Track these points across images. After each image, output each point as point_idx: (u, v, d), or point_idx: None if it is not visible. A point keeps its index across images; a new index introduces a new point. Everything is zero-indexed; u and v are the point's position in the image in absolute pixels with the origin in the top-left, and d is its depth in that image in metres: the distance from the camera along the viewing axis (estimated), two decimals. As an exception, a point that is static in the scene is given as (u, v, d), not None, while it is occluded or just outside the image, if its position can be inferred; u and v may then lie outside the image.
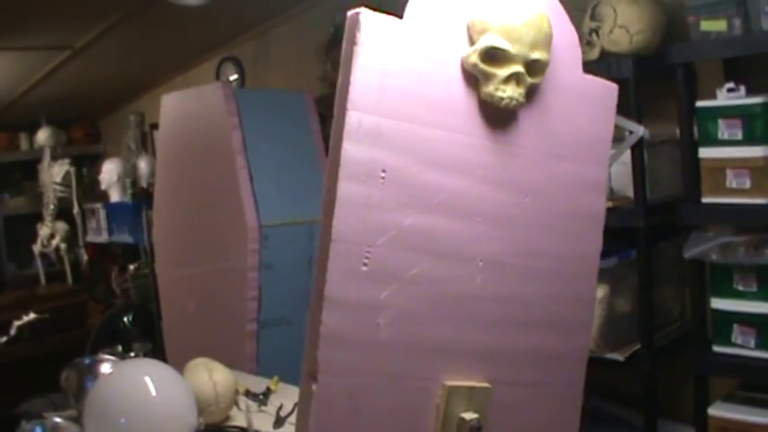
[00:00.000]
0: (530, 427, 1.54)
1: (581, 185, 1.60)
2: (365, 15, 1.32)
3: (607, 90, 1.65)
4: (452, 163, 1.43)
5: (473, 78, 1.45)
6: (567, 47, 1.58)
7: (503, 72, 1.44)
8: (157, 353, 3.53)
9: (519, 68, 1.45)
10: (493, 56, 1.43)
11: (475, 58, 1.42)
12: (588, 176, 1.61)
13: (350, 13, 1.33)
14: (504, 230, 1.49)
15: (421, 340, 1.40)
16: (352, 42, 1.32)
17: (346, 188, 1.32)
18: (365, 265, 1.33)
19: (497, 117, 1.47)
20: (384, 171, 1.35)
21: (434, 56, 1.41)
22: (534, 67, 1.47)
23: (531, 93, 1.50)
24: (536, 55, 1.46)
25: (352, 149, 1.32)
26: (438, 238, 1.41)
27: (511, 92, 1.44)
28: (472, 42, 1.44)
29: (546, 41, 1.47)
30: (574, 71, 1.59)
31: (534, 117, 1.52)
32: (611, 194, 2.68)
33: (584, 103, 1.60)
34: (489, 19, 1.44)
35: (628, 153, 2.60)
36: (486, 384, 1.45)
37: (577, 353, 1.61)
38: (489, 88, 1.43)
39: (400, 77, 1.36)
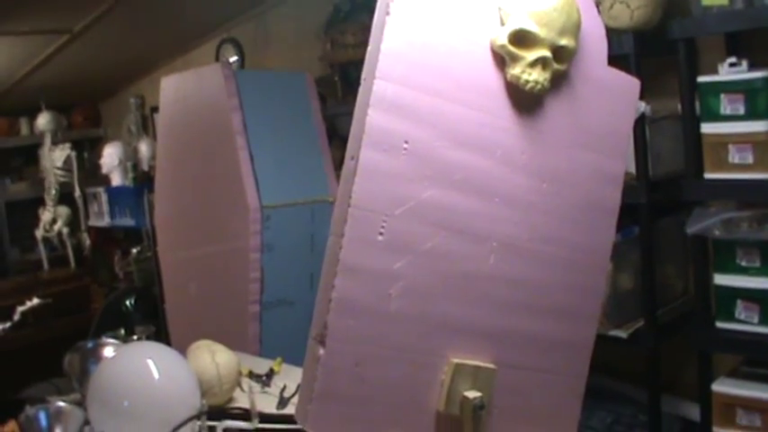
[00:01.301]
0: (531, 412, 1.55)
1: (600, 177, 1.60)
2: None
3: (630, 85, 1.66)
4: (474, 141, 1.43)
5: (500, 59, 1.45)
6: (594, 39, 1.58)
7: (530, 55, 1.44)
8: (160, 336, 3.53)
9: (546, 53, 1.45)
10: (521, 38, 1.43)
11: (503, 39, 1.42)
12: (607, 169, 1.62)
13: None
14: (520, 213, 1.49)
15: (430, 315, 1.40)
16: (385, 12, 1.33)
17: (369, 156, 1.32)
18: (381, 234, 1.34)
19: (522, 100, 1.47)
20: (407, 142, 1.35)
21: (464, 33, 1.41)
22: (561, 54, 1.47)
23: (557, 80, 1.51)
24: (564, 41, 1.46)
25: (377, 118, 1.32)
26: (455, 214, 1.42)
27: (537, 75, 1.44)
28: (502, 23, 1.44)
29: (574, 29, 1.47)
30: (600, 63, 1.60)
31: (558, 104, 1.52)
32: (613, 171, 2.67)
33: (607, 96, 1.60)
34: (521, 1, 1.44)
35: (629, 129, 2.59)
36: (491, 365, 1.45)
37: (583, 343, 1.62)
38: (516, 70, 1.44)
39: (429, 51, 1.37)
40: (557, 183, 1.54)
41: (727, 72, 2.37)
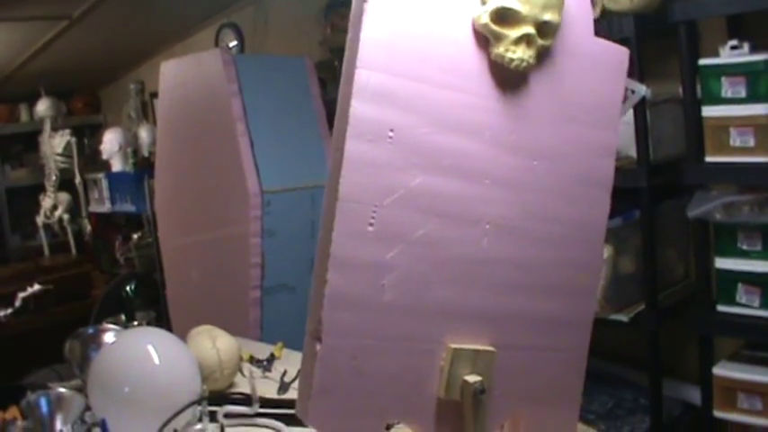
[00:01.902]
0: (533, 391, 1.54)
1: (592, 150, 1.59)
2: None
3: (618, 54, 1.63)
4: (461, 124, 1.41)
5: (484, 39, 1.43)
6: (578, 9, 1.55)
7: (513, 33, 1.42)
8: (161, 321, 3.54)
9: (530, 30, 1.43)
10: (504, 16, 1.41)
11: (486, 19, 1.40)
12: (599, 141, 1.60)
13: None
14: (512, 193, 1.47)
15: (426, 302, 1.39)
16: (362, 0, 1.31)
17: (354, 147, 1.30)
18: (371, 225, 1.32)
19: (508, 79, 1.45)
20: (392, 131, 1.34)
21: (445, 15, 1.39)
22: (545, 29, 1.45)
23: (543, 55, 1.48)
24: (547, 16, 1.44)
25: (360, 108, 1.31)
26: (445, 199, 1.40)
27: (521, 53, 1.43)
28: (483, 2, 1.42)
29: (558, 3, 1.45)
30: (586, 34, 1.57)
31: (545, 80, 1.50)
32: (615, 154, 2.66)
33: (595, 67, 1.58)
34: (501, -21, 1.42)
35: (630, 113, 2.58)
36: (490, 348, 1.45)
37: (582, 319, 1.60)
38: (500, 49, 1.42)
39: (410, 36, 1.35)
40: (548, 159, 1.52)
41: (729, 55, 2.36)
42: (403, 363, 1.38)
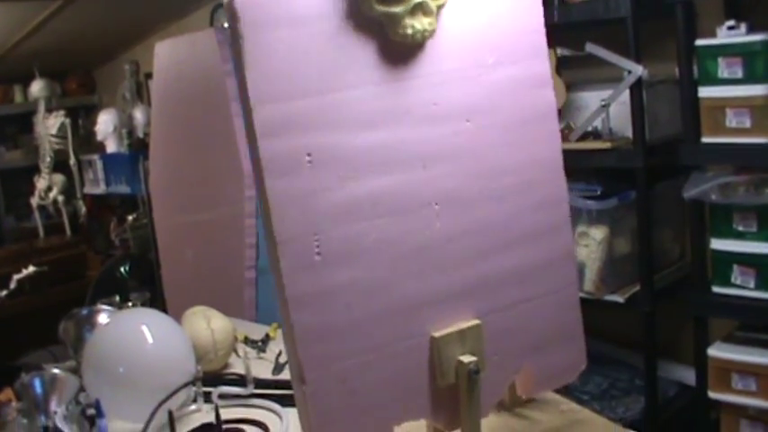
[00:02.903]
0: (532, 342, 1.52)
1: (523, 86, 1.53)
2: (240, 2, 1.25)
3: None
4: (377, 117, 1.37)
5: (376, 24, 1.37)
6: None
7: (404, 8, 1.36)
8: (156, 302, 3.53)
9: None
10: None
11: (371, 3, 1.34)
12: (528, 74, 1.54)
13: (224, 2, 1.27)
14: (452, 164, 1.44)
15: (396, 303, 1.37)
16: (237, 37, 1.25)
17: (276, 186, 1.27)
18: (318, 254, 1.29)
19: (413, 53, 1.40)
20: (309, 154, 1.29)
21: (328, 15, 1.33)
22: None
23: (445, 12, 1.42)
24: None
25: (269, 146, 1.26)
26: (385, 197, 1.36)
27: (419, 25, 1.36)
28: None
29: None
30: None
31: (453, 37, 1.44)
32: (610, 135, 2.66)
33: (505, 1, 1.51)
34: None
35: (626, 93, 2.58)
36: (474, 321, 1.43)
37: (562, 254, 1.57)
38: (396, 28, 1.36)
39: (298, 53, 1.29)
40: (480, 114, 1.48)
41: (726, 35, 2.35)
42: (392, 368, 1.36)
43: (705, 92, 2.40)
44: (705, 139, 2.43)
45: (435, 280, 1.41)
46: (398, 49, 1.39)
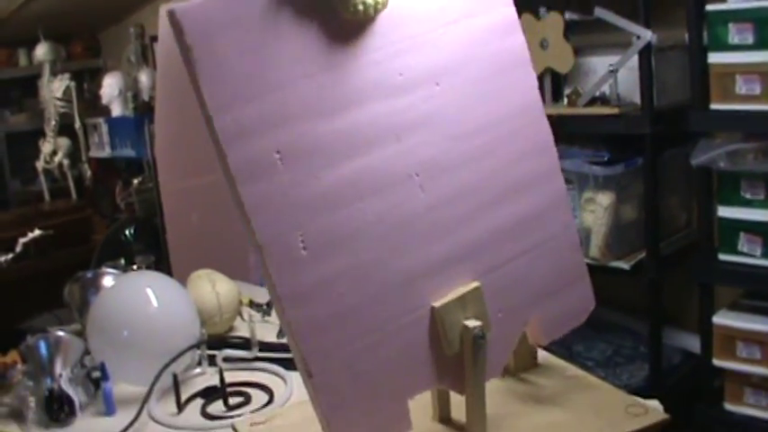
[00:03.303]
0: (537, 292, 1.51)
1: (491, 36, 1.50)
2: (181, 13, 1.21)
3: None
4: (342, 101, 1.34)
5: (324, 6, 1.33)
6: None
7: None
8: (162, 266, 3.53)
9: None
10: None
11: None
12: (494, 22, 1.50)
13: (165, 11, 1.23)
14: (427, 131, 1.41)
15: (390, 280, 1.35)
16: (186, 48, 1.22)
17: (249, 192, 1.24)
18: (304, 249, 1.27)
19: (368, 27, 1.37)
20: (278, 152, 1.27)
21: (272, 9, 1.29)
22: None
23: None
24: None
25: (236, 153, 1.24)
26: (363, 179, 1.34)
27: None
28: None
29: None
30: None
31: (407, 3, 1.41)
32: (618, 101, 2.64)
33: None
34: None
35: (635, 59, 2.55)
36: (474, 284, 1.42)
37: (555, 200, 1.55)
38: (347, 5, 1.32)
39: (248, 53, 1.26)
40: (448, 75, 1.44)
41: (736, 0, 2.32)
42: (396, 345, 1.35)
43: (715, 58, 2.38)
44: (714, 106, 2.42)
45: (427, 250, 1.39)
46: (352, 28, 1.35)
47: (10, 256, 3.65)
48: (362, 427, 1.34)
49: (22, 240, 3.91)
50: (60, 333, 1.84)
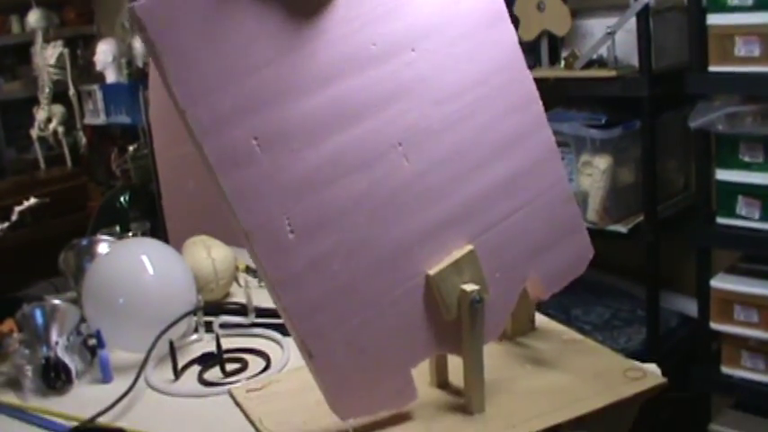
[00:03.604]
0: (533, 247, 1.50)
1: None
2: (141, 10, 1.18)
3: None
4: (316, 80, 1.31)
5: None
6: None
7: None
8: (158, 233, 3.52)
9: None
10: None
11: None
12: None
13: (128, 7, 1.20)
14: (406, 99, 1.39)
15: (383, 254, 1.34)
16: (149, 44, 1.19)
17: (231, 181, 1.23)
18: (291, 232, 1.26)
19: (335, 1, 1.34)
20: (255, 138, 1.25)
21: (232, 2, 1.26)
22: None
23: None
24: None
25: (213, 144, 1.22)
26: (345, 155, 1.32)
27: None
28: None
29: None
30: None
31: None
32: (615, 63, 2.62)
33: None
34: None
35: (633, 21, 2.53)
36: (468, 247, 1.41)
37: (544, 153, 1.54)
38: None
39: (213, 43, 1.23)
40: (423, 39, 1.42)
41: (735, -40, 2.30)
42: (394, 316, 1.34)
43: (714, 19, 2.36)
44: (712, 68, 2.40)
45: (418, 219, 1.38)
46: (316, 5, 1.33)
47: (6, 224, 3.63)
48: (368, 402, 1.35)
49: (17, 209, 3.90)
50: (56, 301, 1.83)
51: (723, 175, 2.50)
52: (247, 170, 1.24)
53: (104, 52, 5.11)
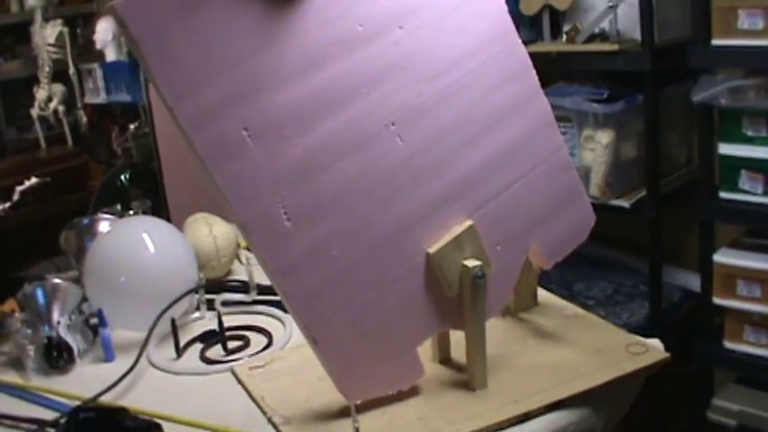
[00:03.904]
0: (535, 217, 1.49)
1: None
2: (122, 8, 1.16)
3: None
4: (303, 66, 1.29)
5: None
6: None
7: None
8: (161, 211, 3.52)
9: None
10: None
11: None
12: None
13: (109, 6, 1.17)
14: (396, 78, 1.37)
15: (381, 235, 1.33)
16: (133, 43, 1.18)
17: (223, 174, 1.22)
18: (288, 220, 1.25)
19: None
20: (246, 129, 1.23)
21: None
22: None
23: None
24: None
25: (203, 139, 1.21)
26: (338, 139, 1.31)
27: None
28: None
29: None
30: None
31: None
32: (617, 37, 2.61)
33: None
34: None
35: (635, -6, 2.52)
36: (467, 222, 1.40)
37: (540, 123, 1.52)
38: None
39: (196, 38, 1.22)
40: (411, 14, 1.39)
41: (739, -69, 2.28)
42: (396, 296, 1.34)
43: (716, -8, 2.35)
44: (716, 42, 2.39)
45: (415, 198, 1.37)
46: None
47: (7, 204, 3.63)
48: (376, 383, 1.35)
49: (19, 189, 3.90)
50: (57, 280, 1.83)
51: (726, 149, 2.49)
52: (240, 161, 1.24)
53: (104, 30, 5.09)
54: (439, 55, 1.43)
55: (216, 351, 1.69)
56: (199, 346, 1.72)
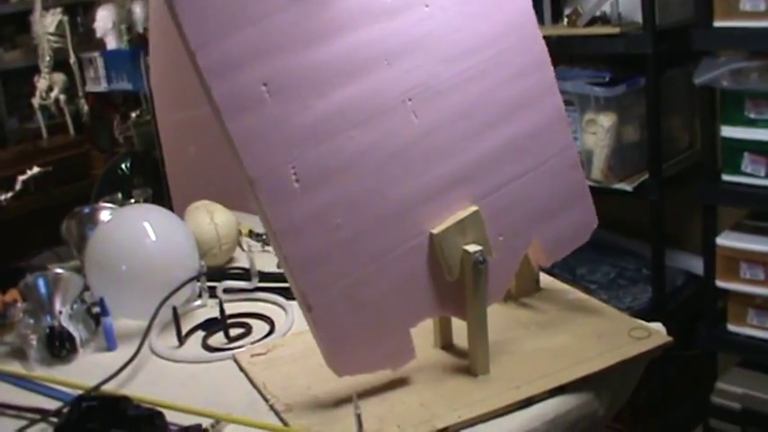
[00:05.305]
0: (539, 213, 1.49)
1: None
2: None
3: None
4: (329, 28, 1.30)
5: None
6: None
7: None
8: (162, 199, 3.52)
9: None
10: None
11: None
12: None
13: None
14: (417, 55, 1.38)
15: (387, 210, 1.33)
16: None
17: (238, 127, 1.22)
18: (297, 181, 1.25)
19: None
20: (265, 84, 1.24)
21: None
22: None
23: None
24: None
25: (221, 87, 1.21)
26: (354, 107, 1.31)
27: None
28: None
29: None
30: None
31: None
32: (619, 20, 2.59)
33: None
34: None
35: (636, -24, 2.50)
36: (472, 208, 1.39)
37: (552, 118, 1.52)
38: None
39: None
40: None
41: None
42: (396, 274, 1.34)
43: (718, -27, 2.33)
44: (717, 24, 2.37)
45: (423, 176, 1.37)
46: None
47: (9, 194, 3.64)
48: (365, 359, 1.34)
49: (21, 178, 3.90)
50: (59, 270, 1.83)
51: (728, 131, 2.48)
52: (255, 115, 1.23)
53: (104, 18, 5.08)
54: (460, 38, 1.43)
55: (218, 339, 1.69)
56: (201, 333, 1.72)
